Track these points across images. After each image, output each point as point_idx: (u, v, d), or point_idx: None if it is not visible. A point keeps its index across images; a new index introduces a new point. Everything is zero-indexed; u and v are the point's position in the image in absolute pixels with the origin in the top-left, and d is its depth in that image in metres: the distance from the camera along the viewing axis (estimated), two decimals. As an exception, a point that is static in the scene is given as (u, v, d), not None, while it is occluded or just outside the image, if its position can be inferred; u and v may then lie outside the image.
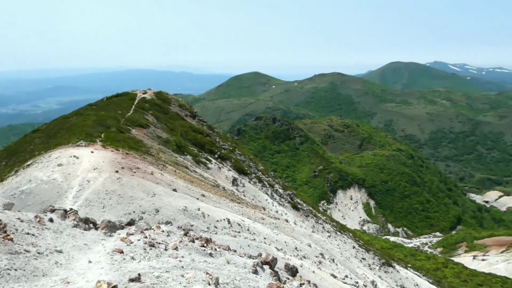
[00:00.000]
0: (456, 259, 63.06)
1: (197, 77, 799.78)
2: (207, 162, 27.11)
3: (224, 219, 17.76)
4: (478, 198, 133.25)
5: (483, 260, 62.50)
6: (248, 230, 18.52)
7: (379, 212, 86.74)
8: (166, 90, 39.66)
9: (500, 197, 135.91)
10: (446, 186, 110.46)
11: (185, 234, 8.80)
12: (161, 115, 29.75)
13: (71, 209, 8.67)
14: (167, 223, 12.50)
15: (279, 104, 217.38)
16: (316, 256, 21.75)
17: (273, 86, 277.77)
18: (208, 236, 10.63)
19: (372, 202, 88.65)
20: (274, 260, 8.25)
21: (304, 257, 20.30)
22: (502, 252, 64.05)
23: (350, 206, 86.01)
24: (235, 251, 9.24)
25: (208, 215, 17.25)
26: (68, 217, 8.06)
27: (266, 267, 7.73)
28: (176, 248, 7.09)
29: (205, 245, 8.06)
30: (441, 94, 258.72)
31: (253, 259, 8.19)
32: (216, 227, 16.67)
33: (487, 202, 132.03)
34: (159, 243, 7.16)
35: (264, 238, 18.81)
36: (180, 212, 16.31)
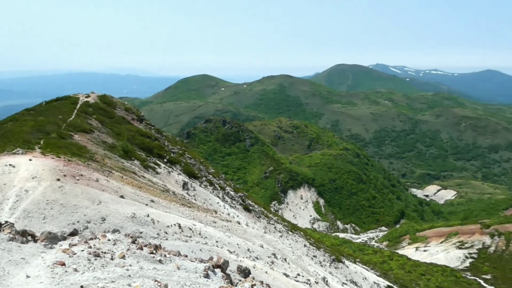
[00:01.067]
0: (400, 251, 66.34)
1: (144, 80, 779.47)
2: (156, 166, 26.49)
3: (174, 224, 17.42)
4: (419, 193, 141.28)
5: (424, 251, 66.24)
6: (199, 234, 18.29)
7: (328, 210, 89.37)
8: (111, 93, 38.25)
9: (438, 191, 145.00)
10: (390, 182, 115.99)
11: (133, 242, 8.52)
12: (106, 119, 28.63)
13: (6, 222, 8.09)
14: (115, 231, 12.04)
15: (229, 106, 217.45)
16: (269, 257, 21.93)
17: (222, 89, 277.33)
18: (157, 243, 10.36)
19: (321, 201, 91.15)
20: (226, 263, 8.20)
21: (257, 258, 20.38)
22: (441, 243, 68.27)
23: (301, 206, 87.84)
24: (186, 256, 9.09)
25: (158, 221, 16.82)
26: (3, 230, 7.51)
27: (217, 270, 7.66)
28: (123, 257, 6.84)
29: (154, 251, 7.85)
30: (383, 95, 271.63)
31: (205, 263, 8.09)
32: (166, 233, 16.29)
33: (427, 196, 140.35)
34: (105, 253, 6.86)
35: (216, 242, 18.66)
36: (128, 219, 15.76)
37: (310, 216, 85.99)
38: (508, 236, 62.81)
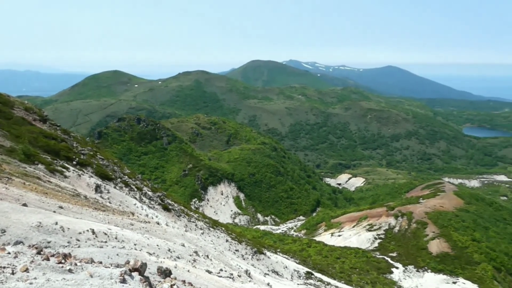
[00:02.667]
0: (317, 238, 69.95)
1: (46, 77, 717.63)
2: (64, 170, 24.54)
3: (87, 230, 16.31)
4: (332, 182, 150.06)
5: (339, 236, 70.63)
6: (116, 238, 17.38)
7: (249, 204, 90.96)
8: (7, 91, 34.54)
9: (349, 179, 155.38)
10: (306, 173, 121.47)
11: (38, 253, 7.79)
12: (2, 120, 25.79)
13: None
14: (17, 243, 10.91)
15: (143, 103, 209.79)
16: (190, 255, 21.62)
17: (136, 85, 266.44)
18: (68, 251, 9.62)
19: (242, 195, 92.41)
20: (144, 265, 7.89)
21: (178, 258, 19.97)
22: (353, 227, 73.36)
23: (222, 201, 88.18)
24: (101, 262, 8.57)
25: (69, 228, 15.61)
26: None
27: (135, 274, 7.35)
28: (26, 270, 6.22)
29: (62, 261, 7.26)
30: (297, 90, 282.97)
31: (121, 267, 7.71)
32: (79, 240, 15.20)
33: (339, 184, 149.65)
34: (4, 268, 6.18)
35: (135, 245, 17.90)
36: (33, 229, 14.39)
37: (231, 211, 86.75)
38: (409, 216, 69.54)
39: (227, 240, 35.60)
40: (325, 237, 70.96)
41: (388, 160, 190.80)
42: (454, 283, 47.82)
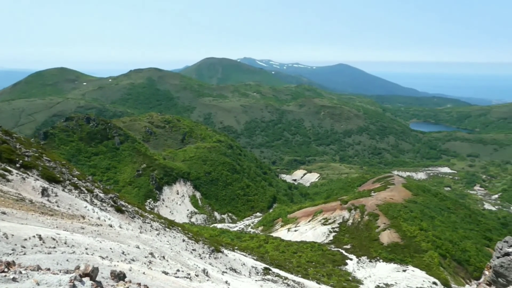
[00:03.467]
0: (274, 234, 70.69)
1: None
2: (6, 173, 23.03)
3: (34, 236, 15.42)
4: (288, 178, 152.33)
5: (295, 231, 71.80)
6: (65, 243, 16.57)
7: (205, 203, 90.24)
8: None
9: (304, 174, 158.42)
10: (262, 170, 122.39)
11: (-23, 263, 7.22)
12: None
13: None
14: (-47, 253, 10.09)
15: (93, 102, 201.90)
16: (146, 257, 21.07)
17: (84, 83, 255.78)
18: (12, 259, 9.02)
19: (198, 194, 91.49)
20: (95, 270, 7.56)
21: (133, 260, 19.39)
22: (309, 221, 74.85)
23: (177, 201, 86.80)
24: (49, 269, 8.11)
25: (13, 235, 14.68)
26: None
27: (86, 279, 7.02)
28: (-37, 282, 5.74)
29: (5, 270, 6.79)
30: (251, 87, 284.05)
31: (71, 273, 7.34)
32: (24, 247, 14.32)
33: (295, 180, 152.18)
34: None
35: (86, 249, 17.16)
36: (-29, 237, 13.38)
37: (188, 210, 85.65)
38: (362, 209, 72.02)
39: (183, 240, 35.09)
40: (282, 233, 71.85)
41: (341, 155, 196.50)
42: (404, 271, 50.12)
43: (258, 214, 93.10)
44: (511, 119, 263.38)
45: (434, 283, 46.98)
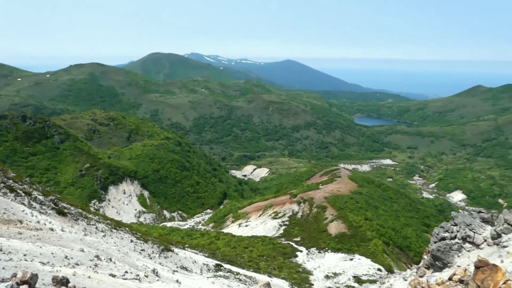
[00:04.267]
0: (225, 230, 70.63)
1: None
2: None
3: (-37, 245, 14.20)
4: (238, 173, 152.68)
5: (246, 226, 72.18)
6: (1, 250, 15.40)
7: (154, 201, 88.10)
8: None
9: (254, 170, 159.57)
10: (211, 167, 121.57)
11: None
12: None
13: None
14: None
15: (29, 99, 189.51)
16: (91, 260, 20.14)
17: (19, 79, 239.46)
18: None
19: (146, 193, 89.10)
20: (34, 276, 7.05)
21: (77, 264, 18.46)
22: (260, 216, 75.54)
23: (124, 201, 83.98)
24: (-20, 280, 7.43)
25: None
26: None
27: (24, 287, 6.53)
28: None
29: None
30: (200, 83, 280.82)
31: (7, 282, 6.79)
32: (-49, 257, 13.12)
33: (245, 175, 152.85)
34: None
35: (25, 255, 16.06)
36: None
37: (135, 210, 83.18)
38: (311, 201, 73.83)
39: (131, 241, 34.02)
40: (233, 228, 71.95)
41: (290, 150, 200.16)
42: (351, 259, 52.12)
43: (208, 211, 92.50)
44: (445, 113, 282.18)
45: (379, 269, 49.27)
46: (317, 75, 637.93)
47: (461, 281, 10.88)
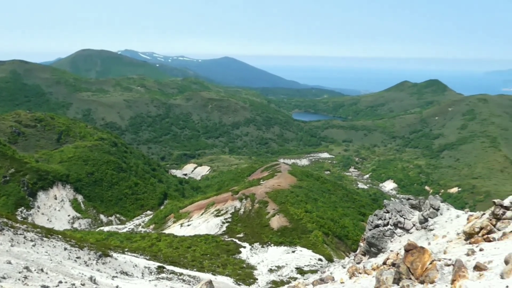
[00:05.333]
0: (167, 231, 69.10)
1: None
2: None
3: None
4: (178, 173, 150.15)
5: (188, 225, 71.17)
6: None
7: (89, 206, 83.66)
8: None
9: (195, 168, 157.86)
10: (150, 167, 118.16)
11: None
12: None
13: None
14: None
15: None
16: (20, 272, 18.65)
17: None
18: None
19: (80, 197, 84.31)
20: None
21: (4, 278, 17.01)
22: (202, 214, 74.84)
23: (56, 207, 78.82)
24: None
25: None
26: None
27: None
28: None
29: None
30: (135, 81, 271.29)
31: None
32: None
33: (185, 174, 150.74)
34: None
35: None
36: None
37: (69, 215, 78.45)
38: (252, 197, 74.49)
39: (65, 249, 32.07)
40: (175, 229, 70.64)
41: (230, 147, 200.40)
42: (293, 252, 53.40)
43: (148, 212, 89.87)
44: (376, 107, 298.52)
45: (320, 259, 50.99)
46: (255, 72, 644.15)
47: (393, 265, 11.47)
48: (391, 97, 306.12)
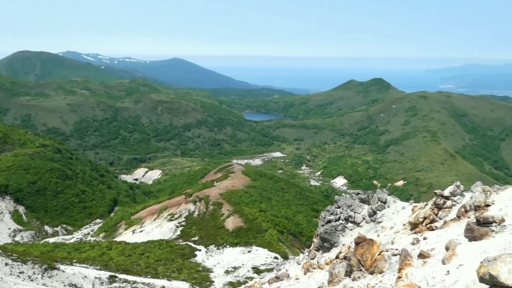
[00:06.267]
0: (118, 239, 66.68)
1: None
2: None
3: None
4: (128, 178, 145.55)
5: (141, 231, 69.12)
6: None
7: (32, 217, 78.69)
8: None
9: (146, 172, 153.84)
10: (98, 173, 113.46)
11: None
12: None
13: None
14: None
15: None
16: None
17: None
18: None
19: (21, 208, 79.10)
20: None
21: None
22: (155, 220, 73.00)
23: (-5, 220, 73.53)
24: None
25: None
26: None
27: None
28: None
29: None
30: (79, 84, 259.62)
31: None
32: None
33: (136, 179, 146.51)
34: None
35: None
36: None
37: (9, 229, 73.36)
38: (206, 199, 73.78)
39: (6, 264, 30.04)
40: (127, 236, 68.37)
41: (182, 149, 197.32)
42: (249, 251, 53.50)
43: (98, 220, 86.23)
44: (325, 106, 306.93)
45: (276, 257, 51.48)
46: (205, 73, 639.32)
47: (345, 258, 11.72)
48: (339, 96, 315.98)
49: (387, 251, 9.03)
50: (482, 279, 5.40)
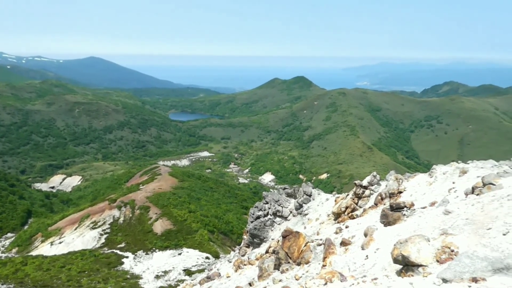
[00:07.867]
0: (35, 253, 61.57)
1: None
2: None
3: None
4: (43, 186, 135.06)
5: (60, 243, 64.46)
6: None
7: None
8: None
9: (64, 179, 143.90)
10: (7, 182, 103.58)
11: None
12: None
13: None
14: None
15: None
16: None
17: None
18: None
19: None
20: None
21: None
22: (76, 229, 68.50)
23: None
24: None
25: None
26: None
27: None
28: None
29: None
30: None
31: None
32: None
33: (53, 187, 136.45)
34: None
35: None
36: None
37: None
38: (132, 204, 70.95)
39: None
40: (44, 249, 63.35)
41: (103, 153, 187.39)
42: (180, 254, 52.49)
43: (9, 235, 78.79)
44: (251, 104, 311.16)
45: (207, 257, 51.13)
46: (125, 73, 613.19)
47: (274, 252, 11.97)
48: (264, 94, 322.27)
49: (313, 242, 9.38)
50: (396, 260, 5.82)
